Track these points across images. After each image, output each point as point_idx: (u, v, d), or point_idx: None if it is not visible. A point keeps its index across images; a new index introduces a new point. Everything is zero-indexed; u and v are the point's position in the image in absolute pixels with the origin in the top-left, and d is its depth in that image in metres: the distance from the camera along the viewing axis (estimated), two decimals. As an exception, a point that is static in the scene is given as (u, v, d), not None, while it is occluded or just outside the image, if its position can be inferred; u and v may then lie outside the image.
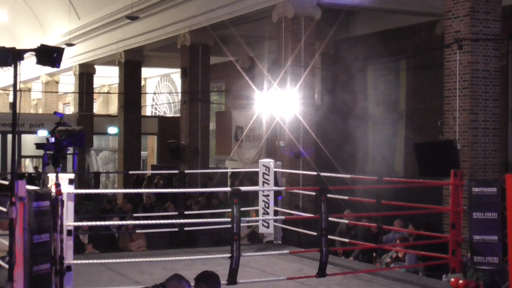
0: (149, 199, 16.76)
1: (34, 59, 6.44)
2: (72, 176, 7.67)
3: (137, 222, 11.38)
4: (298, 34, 16.05)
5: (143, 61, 25.98)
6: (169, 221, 10.28)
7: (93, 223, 10.24)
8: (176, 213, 11.60)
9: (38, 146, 6.83)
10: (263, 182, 11.12)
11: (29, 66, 24.52)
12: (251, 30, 20.58)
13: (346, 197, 10.48)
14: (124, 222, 12.44)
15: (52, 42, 26.00)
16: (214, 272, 4.87)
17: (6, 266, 6.73)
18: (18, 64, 6.34)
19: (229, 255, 8.03)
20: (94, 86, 31.96)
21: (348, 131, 19.47)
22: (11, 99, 37.35)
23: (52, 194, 6.85)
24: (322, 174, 11.17)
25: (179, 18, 21.02)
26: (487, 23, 11.89)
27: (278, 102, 15.94)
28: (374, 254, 11.77)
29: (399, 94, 19.83)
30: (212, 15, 19.28)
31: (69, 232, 7.61)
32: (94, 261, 9.00)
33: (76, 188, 7.91)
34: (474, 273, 8.79)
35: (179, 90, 23.64)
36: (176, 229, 11.54)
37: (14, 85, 6.35)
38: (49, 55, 6.46)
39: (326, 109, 19.40)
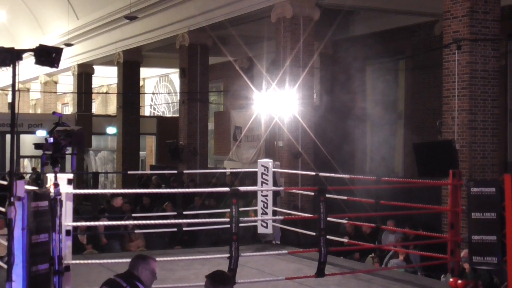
0: (147, 199, 16.71)
1: (32, 59, 6.43)
2: (70, 176, 7.66)
3: (135, 222, 11.35)
4: (297, 34, 16.06)
5: (142, 61, 26.00)
6: (169, 221, 10.26)
7: (92, 223, 10.24)
8: (175, 213, 11.59)
9: (37, 146, 6.81)
10: (262, 182, 11.12)
11: (27, 66, 24.57)
12: (250, 30, 20.59)
13: (345, 197, 10.48)
14: (123, 223, 12.41)
15: (50, 42, 25.99)
16: (228, 273, 4.87)
17: (5, 266, 6.73)
18: (16, 64, 6.33)
19: (227, 255, 8.03)
20: (93, 86, 31.97)
21: (347, 131, 19.48)
22: (9, 99, 37.40)
23: (51, 194, 6.85)
24: (321, 174, 11.16)
25: (178, 18, 21.03)
26: (486, 23, 11.89)
27: (276, 102, 15.94)
28: (372, 254, 11.77)
29: (398, 94, 19.84)
30: (211, 15, 19.29)
31: (67, 232, 7.61)
32: (93, 261, 9.00)
33: (74, 188, 7.90)
34: (473, 273, 8.78)
35: (178, 90, 23.63)
36: (175, 229, 11.53)
37: (13, 85, 6.35)
38: (47, 55, 6.45)
39: (325, 109, 19.40)
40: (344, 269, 9.71)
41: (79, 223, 9.41)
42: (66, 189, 7.49)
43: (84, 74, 29.38)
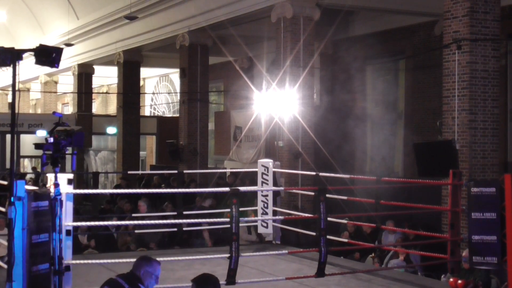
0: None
1: (33, 59, 6.43)
2: (71, 176, 7.67)
3: (135, 222, 11.35)
4: (297, 34, 16.06)
5: (142, 61, 25.99)
6: (169, 221, 10.25)
7: (92, 223, 10.25)
8: (175, 213, 11.59)
9: (37, 146, 6.81)
10: (262, 182, 11.12)
11: (28, 66, 24.56)
12: (250, 30, 20.58)
13: (345, 197, 10.49)
14: (123, 223, 12.42)
15: (51, 42, 25.99)
16: (212, 274, 4.83)
17: (5, 266, 6.73)
18: (17, 64, 6.33)
19: (228, 255, 8.03)
20: (93, 86, 31.97)
21: (347, 131, 19.47)
22: (10, 99, 37.39)
23: (51, 194, 6.85)
24: (321, 174, 11.17)
25: (178, 18, 21.02)
26: (486, 23, 11.89)
27: (277, 102, 15.94)
28: (373, 254, 11.76)
29: (398, 94, 19.84)
30: (211, 15, 19.28)
31: (68, 232, 7.62)
32: (93, 261, 9.00)
33: (75, 188, 7.90)
34: (471, 273, 8.79)
35: (178, 90, 23.63)
36: (175, 229, 11.54)
37: (13, 85, 6.35)
38: (48, 55, 6.45)
39: (325, 109, 19.40)
40: (344, 269, 9.72)
41: (79, 223, 9.42)
42: (66, 189, 7.50)
43: (84, 74, 29.39)
